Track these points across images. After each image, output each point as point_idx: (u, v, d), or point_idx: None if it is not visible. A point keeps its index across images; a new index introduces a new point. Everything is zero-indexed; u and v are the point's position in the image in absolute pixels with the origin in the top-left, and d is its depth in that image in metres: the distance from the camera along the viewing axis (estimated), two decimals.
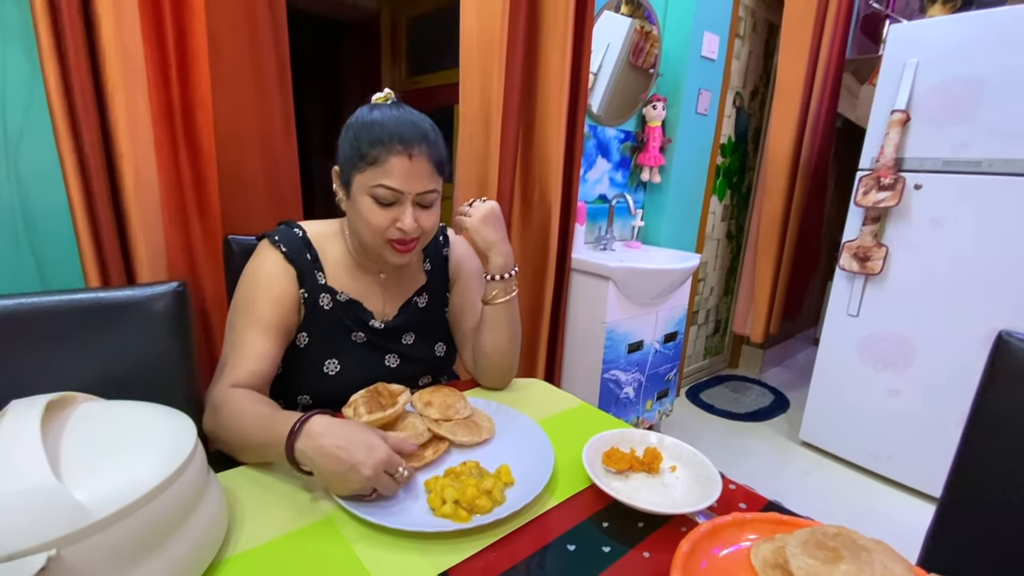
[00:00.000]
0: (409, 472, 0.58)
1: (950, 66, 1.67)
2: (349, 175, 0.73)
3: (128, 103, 0.85)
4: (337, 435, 0.55)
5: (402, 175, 0.70)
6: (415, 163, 0.71)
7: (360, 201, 0.73)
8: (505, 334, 0.86)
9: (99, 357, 0.60)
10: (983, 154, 1.63)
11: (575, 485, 0.64)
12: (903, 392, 1.85)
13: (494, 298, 0.85)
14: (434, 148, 0.73)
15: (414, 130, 0.71)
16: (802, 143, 2.22)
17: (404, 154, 0.70)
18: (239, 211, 1.04)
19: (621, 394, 1.84)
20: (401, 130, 0.70)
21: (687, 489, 0.64)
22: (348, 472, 0.53)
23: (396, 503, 0.57)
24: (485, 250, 0.83)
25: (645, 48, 1.99)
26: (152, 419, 0.51)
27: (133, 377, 0.63)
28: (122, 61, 0.84)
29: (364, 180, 0.72)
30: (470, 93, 1.38)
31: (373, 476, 0.54)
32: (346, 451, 0.54)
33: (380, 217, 0.72)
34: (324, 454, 0.54)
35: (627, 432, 0.71)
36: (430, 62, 2.52)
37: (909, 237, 1.79)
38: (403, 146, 0.70)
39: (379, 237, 0.74)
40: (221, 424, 0.65)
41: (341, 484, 0.54)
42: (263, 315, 0.73)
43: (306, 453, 0.55)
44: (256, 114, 1.04)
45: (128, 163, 0.83)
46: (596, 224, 2.02)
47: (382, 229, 0.73)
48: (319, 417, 0.58)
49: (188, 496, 0.46)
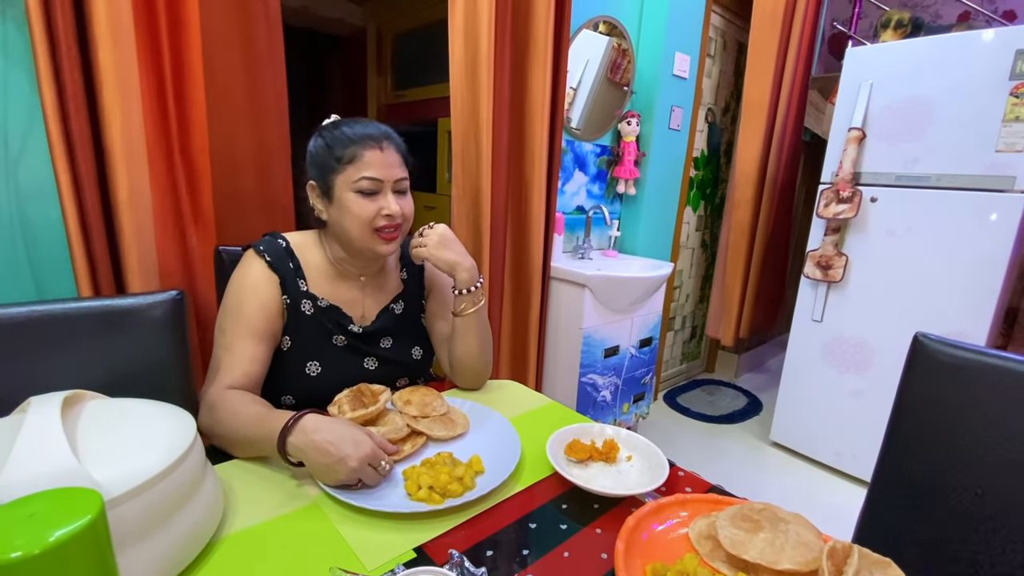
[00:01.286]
0: (390, 465, 0.65)
1: (901, 87, 1.79)
2: (329, 181, 0.81)
3: (124, 124, 0.89)
4: (328, 431, 0.62)
5: (379, 165, 0.80)
6: (386, 154, 0.81)
7: (345, 199, 0.80)
8: (476, 341, 0.93)
9: (103, 360, 0.66)
10: (932, 169, 1.75)
11: (539, 473, 0.71)
12: (865, 393, 1.95)
13: (463, 310, 0.92)
14: (397, 142, 0.85)
15: (376, 129, 0.83)
16: (768, 157, 2.33)
17: (376, 147, 0.80)
18: (235, 224, 1.09)
19: (598, 397, 1.91)
20: (367, 130, 0.82)
21: (639, 475, 0.71)
22: (336, 464, 0.60)
23: (377, 490, 0.64)
24: (449, 271, 0.90)
25: (622, 65, 2.09)
26: (155, 414, 0.57)
27: (134, 378, 0.68)
28: (118, 82, 0.89)
29: (346, 178, 0.80)
30: (460, 111, 1.46)
31: (358, 468, 0.60)
32: (335, 445, 0.60)
33: (366, 208, 0.80)
34: (316, 448, 0.61)
35: (588, 426, 0.79)
36: (415, 76, 2.60)
37: (867, 247, 1.90)
38: (374, 141, 0.80)
39: (368, 228, 0.81)
40: (218, 421, 0.71)
41: (330, 475, 0.61)
42: (251, 320, 0.79)
43: (299, 447, 0.62)
44: (251, 133, 1.10)
45: (122, 180, 0.88)
46: (574, 234, 2.11)
47: (370, 219, 0.81)
48: (312, 415, 0.65)
49: (190, 480, 0.52)
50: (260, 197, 1.13)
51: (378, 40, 2.83)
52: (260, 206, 1.13)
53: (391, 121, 1.03)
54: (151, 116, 0.94)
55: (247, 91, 1.07)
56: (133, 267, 0.88)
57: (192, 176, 0.99)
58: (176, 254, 0.98)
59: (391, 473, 0.67)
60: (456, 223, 1.56)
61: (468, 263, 0.91)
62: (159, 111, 0.95)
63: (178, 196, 0.99)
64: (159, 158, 0.95)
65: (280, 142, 1.12)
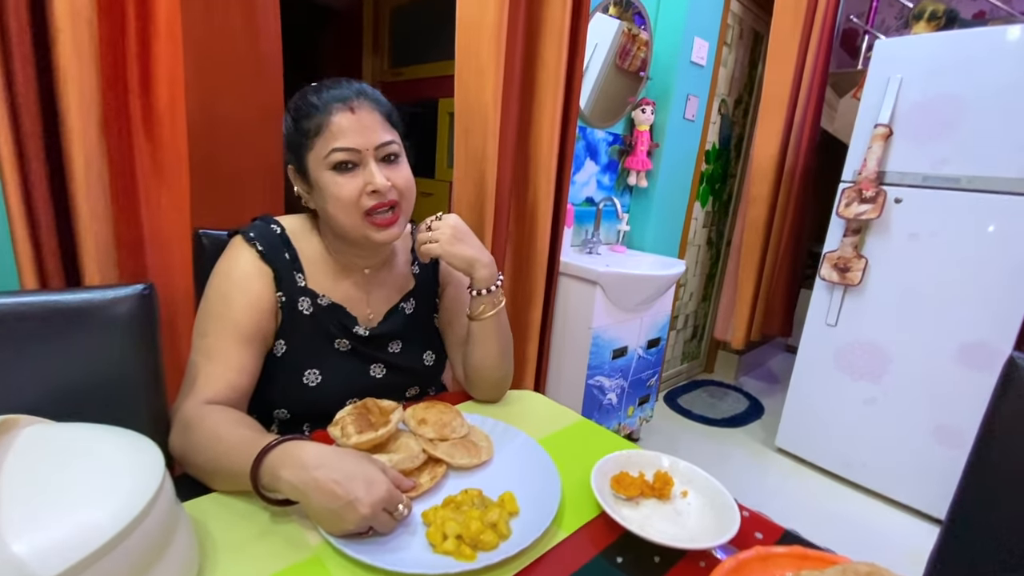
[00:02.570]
0: (409, 509, 0.53)
1: (932, 83, 1.70)
2: (303, 161, 0.69)
3: (77, 77, 0.73)
4: (334, 467, 0.49)
5: (352, 131, 0.66)
6: (360, 115, 0.66)
7: (323, 180, 0.67)
8: (495, 347, 0.81)
9: (52, 369, 0.52)
10: (961, 171, 1.67)
11: (584, 514, 0.59)
12: (878, 401, 1.88)
13: (482, 313, 0.79)
14: (374, 98, 0.69)
15: (347, 88, 0.68)
16: (786, 153, 2.24)
17: (345, 109, 0.66)
18: (212, 204, 0.95)
19: (604, 400, 1.81)
20: (333, 91, 0.67)
21: (701, 517, 0.60)
22: (344, 510, 0.47)
23: (392, 538, 0.52)
24: (466, 269, 0.76)
25: (632, 51, 1.96)
26: (110, 447, 0.44)
27: (91, 391, 0.55)
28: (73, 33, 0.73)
29: (317, 154, 0.67)
30: (466, 84, 1.32)
31: (371, 515, 0.48)
32: (342, 486, 0.48)
33: (348, 187, 0.67)
34: (319, 488, 0.48)
35: (635, 454, 0.67)
36: (413, 54, 2.44)
37: (888, 250, 1.82)
38: (342, 103, 0.66)
39: (355, 212, 0.68)
40: (193, 446, 0.58)
41: (334, 522, 0.48)
42: (239, 321, 0.66)
43: (297, 486, 0.49)
44: (242, 97, 0.95)
45: (76, 144, 0.73)
46: (583, 227, 1.99)
47: (354, 199, 0.67)
48: (311, 446, 0.52)
49: (152, 543, 0.40)
50: (249, 171, 0.98)
51: (374, 13, 2.65)
52: (249, 182, 0.99)
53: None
54: (108, 65, 0.78)
55: (236, 49, 0.92)
56: (90, 252, 0.74)
57: (160, 140, 0.84)
58: (140, 238, 0.83)
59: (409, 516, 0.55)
60: (456, 211, 1.43)
61: (487, 258, 0.77)
62: (117, 60, 0.80)
63: (140, 164, 0.84)
64: (114, 114, 0.79)
65: (273, 109, 0.97)
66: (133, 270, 0.83)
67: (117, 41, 0.79)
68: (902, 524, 1.78)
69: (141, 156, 0.85)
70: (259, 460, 0.51)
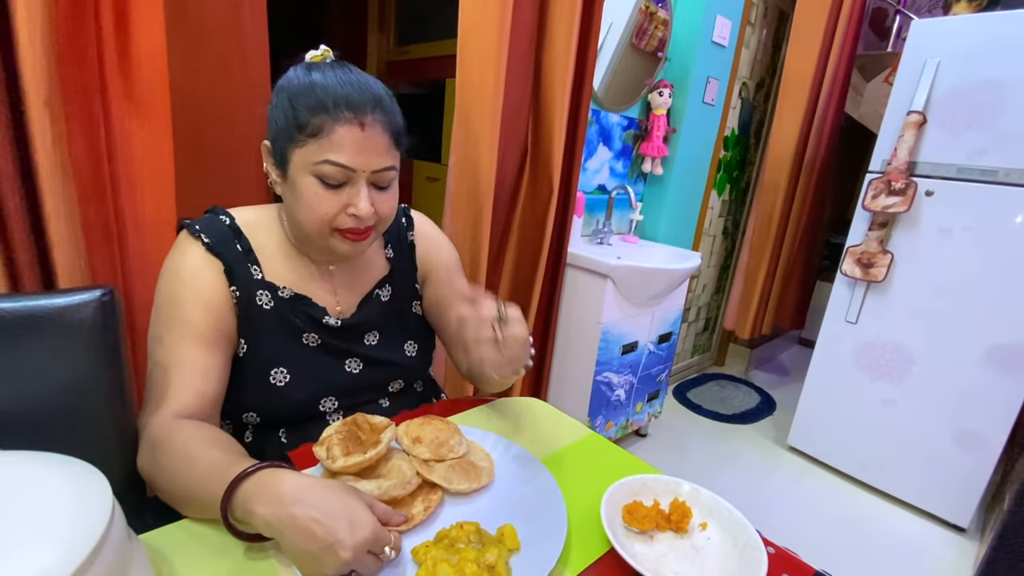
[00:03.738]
0: (397, 551, 0.47)
1: (972, 68, 1.58)
2: (285, 150, 0.60)
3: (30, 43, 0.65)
4: (314, 503, 0.43)
5: (353, 149, 0.58)
6: (368, 134, 0.58)
7: (301, 183, 0.60)
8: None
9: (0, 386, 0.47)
10: (1000, 163, 1.56)
11: (592, 550, 0.53)
12: (898, 403, 1.81)
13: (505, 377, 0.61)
14: (390, 116, 0.61)
15: (365, 93, 0.59)
16: (808, 139, 2.13)
17: (355, 123, 0.57)
18: (196, 191, 0.89)
19: (612, 396, 1.76)
20: (349, 93, 0.58)
21: (723, 556, 0.54)
22: (322, 553, 0.42)
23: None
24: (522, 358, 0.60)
25: (649, 30, 1.86)
26: (50, 482, 0.38)
27: (47, 409, 0.49)
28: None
29: (305, 156, 0.59)
30: (470, 62, 1.23)
31: (353, 559, 0.42)
32: (323, 526, 0.42)
33: (327, 203, 0.60)
34: (295, 527, 0.42)
35: (649, 479, 0.61)
36: (421, 31, 2.34)
37: (916, 245, 1.72)
38: (353, 113, 0.57)
39: (325, 227, 0.61)
40: (162, 468, 0.52)
41: (313, 565, 0.43)
42: (194, 323, 0.60)
43: (272, 524, 0.43)
44: (226, 76, 0.88)
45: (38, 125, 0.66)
46: (594, 216, 1.91)
47: (330, 217, 0.60)
48: (290, 477, 0.46)
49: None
50: (230, 154, 0.92)
51: None
52: (234, 169, 0.92)
53: (393, 81, 0.80)
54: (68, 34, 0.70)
55: (217, 23, 0.84)
56: (59, 243, 0.68)
57: (142, 120, 0.77)
58: (122, 229, 0.77)
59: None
60: (454, 197, 1.35)
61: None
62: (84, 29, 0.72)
63: (122, 148, 0.78)
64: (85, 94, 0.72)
65: (259, 90, 0.90)
66: (110, 266, 0.77)
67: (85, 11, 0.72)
68: (919, 530, 1.72)
69: (123, 139, 0.79)
70: (231, 490, 0.46)
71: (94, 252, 0.73)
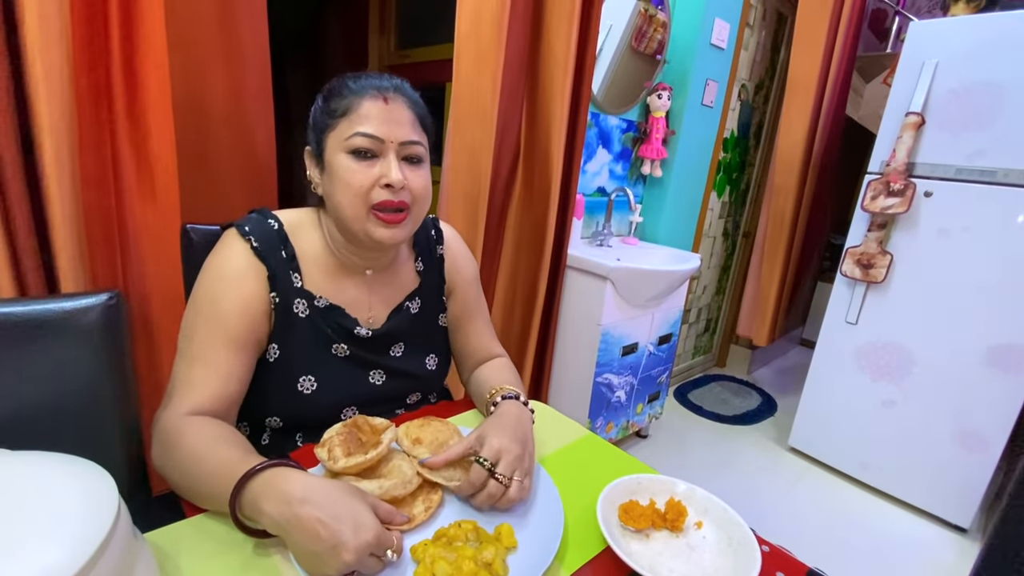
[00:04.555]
0: (399, 553, 0.48)
1: (971, 69, 1.59)
2: (321, 141, 0.65)
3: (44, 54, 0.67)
4: (320, 503, 0.45)
5: (379, 119, 0.63)
6: (392, 107, 0.63)
7: (336, 162, 0.63)
8: None
9: (8, 389, 0.48)
10: (999, 163, 1.57)
11: (588, 549, 0.54)
12: (898, 403, 1.81)
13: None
14: (412, 97, 0.67)
15: (388, 80, 0.66)
16: (814, 140, 2.13)
17: (378, 98, 0.63)
18: (201, 196, 0.90)
19: (613, 398, 1.76)
20: (373, 79, 0.65)
21: (718, 554, 0.55)
22: (327, 553, 0.43)
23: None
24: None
25: (648, 33, 1.87)
26: (57, 481, 0.39)
27: (54, 412, 0.50)
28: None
29: (337, 135, 0.63)
30: (464, 71, 1.25)
31: (355, 561, 0.43)
32: (327, 528, 0.43)
33: (360, 175, 0.63)
34: (301, 527, 0.44)
35: (645, 478, 0.62)
36: (422, 35, 2.36)
37: (915, 246, 1.73)
38: (377, 91, 0.63)
39: (362, 203, 0.63)
40: (174, 464, 0.54)
41: (316, 565, 0.44)
42: (229, 324, 0.61)
43: (278, 521, 0.45)
44: (226, 82, 0.90)
45: (48, 135, 0.67)
46: (593, 219, 1.92)
47: (365, 189, 0.63)
48: (299, 477, 0.47)
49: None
50: (235, 158, 0.93)
51: None
52: (234, 172, 0.93)
53: None
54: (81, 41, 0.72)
55: (218, 26, 0.86)
56: (64, 248, 0.69)
57: (143, 127, 0.79)
58: (124, 234, 0.79)
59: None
60: (449, 200, 1.36)
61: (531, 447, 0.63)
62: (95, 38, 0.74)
63: (123, 153, 0.79)
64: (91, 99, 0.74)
65: (260, 95, 0.91)
66: (112, 271, 0.78)
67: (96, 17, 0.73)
68: (920, 530, 1.72)
69: (124, 145, 0.80)
70: (240, 487, 0.47)
71: (97, 258, 0.74)
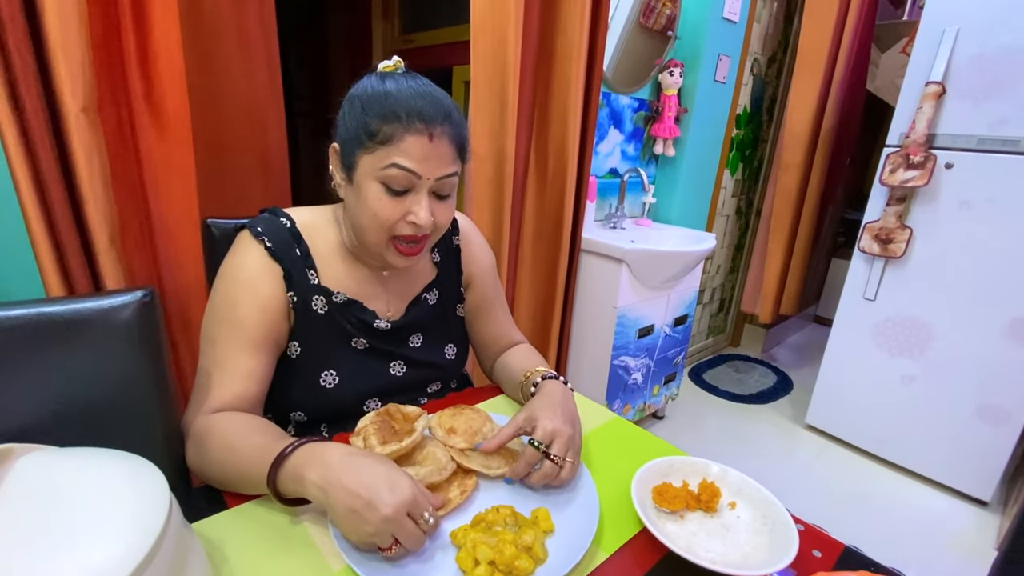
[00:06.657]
0: (435, 520, 0.49)
1: (993, 34, 1.54)
2: (353, 156, 0.61)
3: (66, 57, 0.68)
4: (358, 467, 0.47)
5: (420, 156, 0.59)
6: (436, 145, 0.59)
7: (366, 188, 0.61)
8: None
9: (48, 387, 0.48)
10: (1023, 132, 1.53)
11: (624, 531, 0.55)
12: (917, 379, 1.80)
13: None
14: (457, 128, 0.62)
15: (436, 107, 0.59)
16: (823, 115, 2.09)
17: (424, 133, 0.58)
18: (218, 189, 0.90)
19: (629, 380, 1.77)
20: (422, 106, 0.58)
21: (753, 533, 0.55)
22: (365, 509, 0.45)
23: (419, 563, 0.48)
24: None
25: (657, 8, 1.82)
26: (108, 478, 0.40)
27: (93, 409, 0.51)
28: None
29: (373, 162, 0.60)
30: (483, 55, 1.23)
31: (392, 516, 0.45)
32: (366, 487, 0.46)
33: (390, 208, 0.61)
34: (342, 487, 0.46)
35: (677, 460, 0.62)
36: (426, 19, 2.32)
37: (936, 219, 1.70)
38: (424, 124, 0.58)
39: (384, 234, 0.63)
40: (209, 461, 0.55)
41: (355, 523, 0.45)
42: (248, 326, 0.62)
43: (319, 485, 0.47)
44: (236, 72, 0.89)
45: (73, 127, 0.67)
46: (606, 200, 1.90)
47: (390, 223, 0.62)
48: (336, 446, 0.50)
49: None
50: (249, 150, 0.93)
51: None
52: (249, 163, 0.93)
53: None
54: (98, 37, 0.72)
55: (229, 19, 0.85)
56: (102, 245, 0.70)
57: (162, 121, 0.79)
58: (148, 230, 0.79)
59: (436, 532, 0.51)
60: (476, 188, 1.35)
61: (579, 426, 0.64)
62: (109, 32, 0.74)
63: (144, 149, 0.79)
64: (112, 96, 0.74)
65: (271, 87, 0.91)
66: (142, 265, 0.79)
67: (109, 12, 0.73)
68: (940, 504, 1.73)
69: (145, 140, 0.81)
70: (277, 466, 0.50)
71: (131, 254, 0.75)
